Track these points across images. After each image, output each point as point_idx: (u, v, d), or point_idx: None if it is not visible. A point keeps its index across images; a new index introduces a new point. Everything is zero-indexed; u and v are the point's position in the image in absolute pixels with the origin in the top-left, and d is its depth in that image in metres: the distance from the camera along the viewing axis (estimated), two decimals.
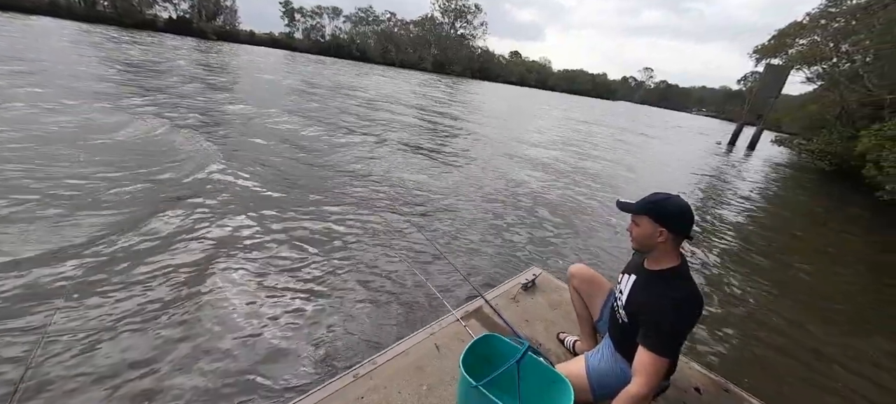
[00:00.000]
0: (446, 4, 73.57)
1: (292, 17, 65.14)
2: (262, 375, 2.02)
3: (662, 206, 1.25)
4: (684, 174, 10.72)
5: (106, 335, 2.11)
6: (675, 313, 1.20)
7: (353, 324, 2.49)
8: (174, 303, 2.43)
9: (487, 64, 76.32)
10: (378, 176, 5.71)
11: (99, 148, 4.98)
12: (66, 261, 2.66)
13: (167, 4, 52.53)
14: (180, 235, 3.21)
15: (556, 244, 4.36)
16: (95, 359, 1.96)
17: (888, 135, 8.72)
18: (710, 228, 5.95)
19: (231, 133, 6.82)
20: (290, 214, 3.92)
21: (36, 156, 4.35)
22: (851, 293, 4.40)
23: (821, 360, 2.97)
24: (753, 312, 3.56)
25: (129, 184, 4.01)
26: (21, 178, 3.75)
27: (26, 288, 2.37)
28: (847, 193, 11.14)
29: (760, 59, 21.67)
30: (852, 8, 14.58)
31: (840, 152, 12.72)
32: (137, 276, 2.62)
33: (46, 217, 3.16)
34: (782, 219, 7.81)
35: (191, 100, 9.20)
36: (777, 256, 5.16)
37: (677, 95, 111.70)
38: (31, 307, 2.23)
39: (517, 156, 8.91)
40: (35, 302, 2.27)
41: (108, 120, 6.28)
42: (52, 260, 2.64)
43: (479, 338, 1.45)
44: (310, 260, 3.16)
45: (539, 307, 2.31)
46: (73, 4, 43.14)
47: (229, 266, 2.90)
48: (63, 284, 2.44)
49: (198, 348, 2.13)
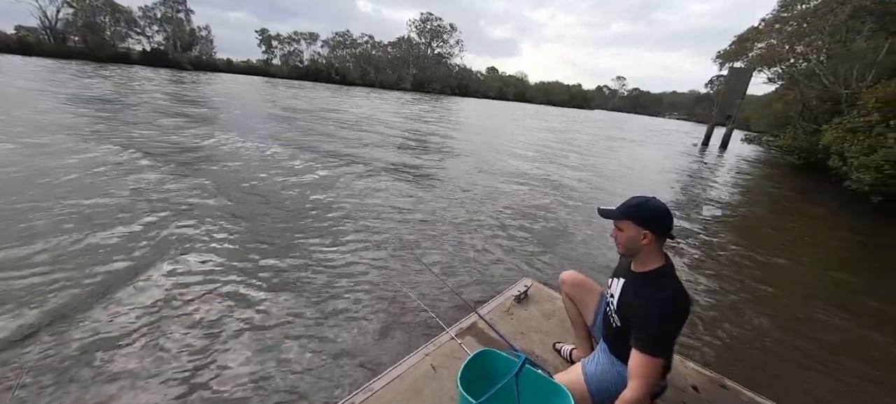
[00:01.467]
0: (422, 26, 75.32)
1: (269, 44, 65.32)
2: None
3: (644, 209, 1.29)
4: (662, 175, 11.04)
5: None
6: (660, 313, 1.22)
7: (345, 351, 2.42)
8: (161, 334, 2.31)
9: (466, 80, 77.93)
10: (362, 198, 5.67)
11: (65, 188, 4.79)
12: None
13: (141, 37, 52.02)
14: (157, 265, 3.08)
15: (547, 252, 4.38)
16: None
17: (848, 127, 9.25)
18: (693, 226, 6.11)
19: (211, 158, 6.69)
20: (275, 241, 3.83)
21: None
22: (832, 279, 4.56)
23: (810, 347, 3.04)
24: (740, 306, 3.63)
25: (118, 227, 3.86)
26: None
27: None
28: (817, 184, 11.66)
29: (724, 63, 22.89)
30: (803, 12, 15.63)
31: (805, 147, 13.39)
32: (136, 316, 2.50)
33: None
34: (758, 212, 8.10)
35: (161, 133, 9.00)
36: (757, 249, 5.32)
37: (649, 101, 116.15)
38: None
39: (502, 170, 9.00)
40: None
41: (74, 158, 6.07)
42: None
43: (476, 355, 1.42)
44: (297, 287, 3.07)
45: (533, 318, 2.30)
46: (43, 42, 42.22)
47: (214, 296, 2.79)
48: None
49: (189, 376, 2.02)
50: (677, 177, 11.00)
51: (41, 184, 4.74)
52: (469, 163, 9.40)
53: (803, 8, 15.79)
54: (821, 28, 13.98)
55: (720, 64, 23.30)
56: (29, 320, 2.39)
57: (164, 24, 52.87)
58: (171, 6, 53.58)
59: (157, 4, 52.68)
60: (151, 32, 52.76)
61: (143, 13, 51.59)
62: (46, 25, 43.89)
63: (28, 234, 3.44)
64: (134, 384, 2.02)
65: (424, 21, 75.04)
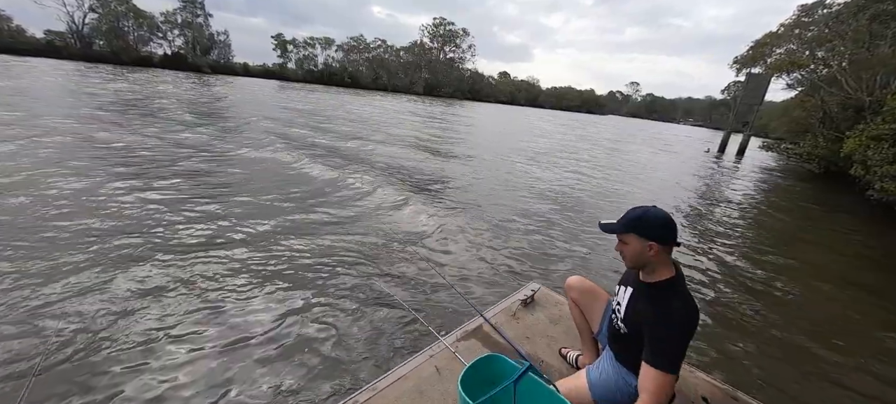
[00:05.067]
0: (435, 30, 75.87)
1: (285, 48, 66.62)
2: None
3: (645, 221, 1.25)
4: (676, 180, 10.84)
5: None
6: (674, 328, 1.19)
7: (351, 350, 2.44)
8: (174, 328, 2.38)
9: (477, 85, 78.10)
10: (373, 199, 5.72)
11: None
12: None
13: (162, 41, 53.73)
14: (176, 259, 3.17)
15: (555, 257, 4.34)
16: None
17: (872, 135, 8.94)
18: (708, 235, 5.98)
19: (230, 162, 6.85)
20: (283, 243, 3.89)
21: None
22: (854, 294, 4.40)
23: (828, 363, 2.94)
24: (755, 319, 3.53)
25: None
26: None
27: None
28: (838, 193, 11.29)
29: (741, 69, 22.40)
30: (824, 17, 15.23)
31: (826, 155, 12.98)
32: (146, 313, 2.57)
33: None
34: (777, 219, 7.87)
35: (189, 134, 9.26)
36: (775, 259, 5.17)
37: (664, 107, 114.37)
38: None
39: (513, 173, 8.98)
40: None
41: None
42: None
43: (480, 359, 1.42)
44: (305, 285, 3.12)
45: (539, 323, 2.28)
46: (70, 46, 43.94)
47: (219, 296, 2.85)
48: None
49: (195, 371, 2.07)
50: (692, 183, 10.79)
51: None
52: (478, 166, 9.39)
53: (825, 13, 15.40)
54: (843, 33, 13.59)
55: (737, 69, 22.78)
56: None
57: (184, 29, 54.49)
58: (190, 11, 55.26)
59: (178, 10, 54.44)
60: (172, 37, 54.48)
61: (164, 18, 53.32)
62: (73, 30, 45.67)
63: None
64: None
65: (437, 26, 75.66)
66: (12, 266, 2.96)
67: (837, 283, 4.62)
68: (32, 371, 1.98)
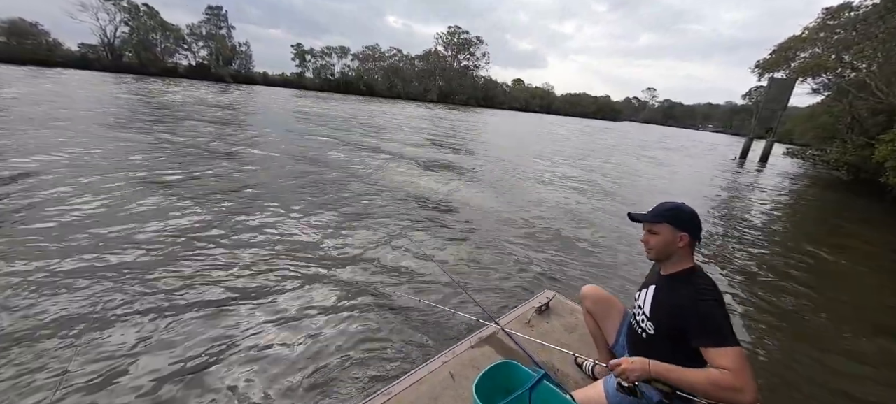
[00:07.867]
0: (449, 38, 76.58)
1: (303, 58, 68.32)
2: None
3: (680, 213, 1.34)
4: (699, 187, 10.57)
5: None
6: (708, 303, 1.22)
7: (366, 353, 2.47)
8: (188, 323, 2.46)
9: (491, 92, 78.14)
10: (388, 205, 5.78)
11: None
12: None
13: (187, 53, 55.95)
14: (199, 257, 3.28)
15: (571, 265, 4.29)
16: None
17: None
18: (732, 242, 5.80)
19: (254, 162, 7.06)
20: (298, 242, 3.98)
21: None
22: (887, 305, 4.19)
23: (857, 378, 2.80)
24: (780, 330, 3.41)
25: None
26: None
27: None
28: (868, 202, 10.79)
29: (763, 73, 21.74)
30: (852, 20, 14.70)
31: (855, 162, 12.46)
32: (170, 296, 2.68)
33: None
34: (805, 230, 7.58)
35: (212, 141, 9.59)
36: (799, 268, 4.98)
37: (682, 113, 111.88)
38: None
39: (528, 179, 8.94)
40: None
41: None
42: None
43: (494, 366, 1.43)
44: (320, 286, 3.18)
45: (555, 331, 2.26)
46: (102, 57, 46.18)
47: (235, 298, 2.94)
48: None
49: (207, 376, 2.13)
50: (715, 191, 10.50)
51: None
52: (498, 173, 9.38)
53: (852, 15, 14.86)
54: (873, 35, 13.08)
55: (759, 74, 22.09)
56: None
57: (208, 41, 56.63)
58: (214, 23, 57.41)
59: (202, 23, 56.63)
60: (197, 49, 56.65)
61: (189, 31, 55.54)
62: (105, 43, 48.01)
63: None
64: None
65: (452, 34, 76.33)
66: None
67: (870, 297, 4.41)
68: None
